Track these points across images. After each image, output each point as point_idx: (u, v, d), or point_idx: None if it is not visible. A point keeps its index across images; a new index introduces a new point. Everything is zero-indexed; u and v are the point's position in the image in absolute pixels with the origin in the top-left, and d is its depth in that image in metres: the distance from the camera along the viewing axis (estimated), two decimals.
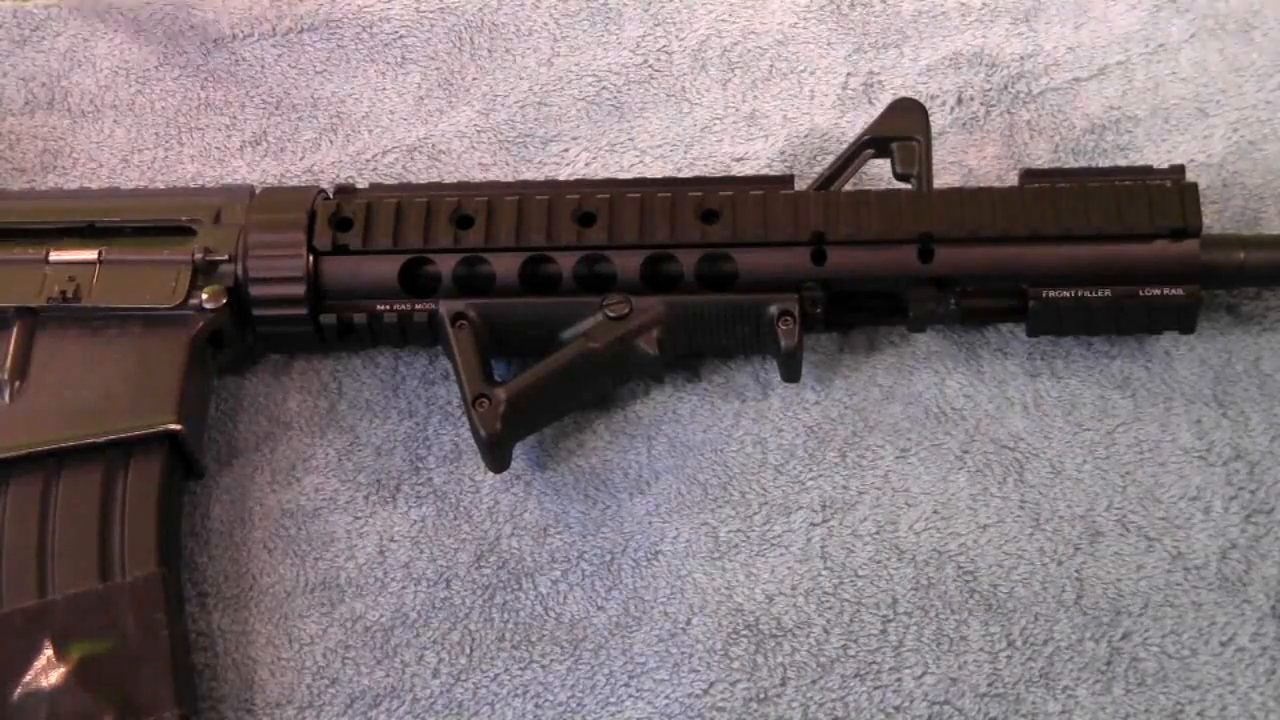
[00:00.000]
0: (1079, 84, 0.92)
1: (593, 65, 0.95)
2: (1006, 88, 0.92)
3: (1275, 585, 0.76)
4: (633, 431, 0.82)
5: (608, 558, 0.79)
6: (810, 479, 0.81)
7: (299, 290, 0.80)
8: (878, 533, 0.79)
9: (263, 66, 0.97)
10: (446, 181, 0.89)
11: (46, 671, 0.72)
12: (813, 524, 0.79)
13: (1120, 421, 0.81)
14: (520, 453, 0.81)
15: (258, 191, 0.84)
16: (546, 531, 0.80)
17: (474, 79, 0.96)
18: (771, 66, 0.94)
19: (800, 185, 0.84)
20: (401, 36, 0.97)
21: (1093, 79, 0.92)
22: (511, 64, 0.96)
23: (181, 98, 0.96)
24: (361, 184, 0.86)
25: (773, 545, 0.79)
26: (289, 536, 0.81)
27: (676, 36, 0.96)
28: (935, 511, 0.79)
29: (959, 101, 0.92)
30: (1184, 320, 0.80)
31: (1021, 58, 0.93)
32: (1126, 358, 0.82)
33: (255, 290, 0.80)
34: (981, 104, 0.92)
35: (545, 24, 0.97)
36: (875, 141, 0.82)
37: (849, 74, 0.93)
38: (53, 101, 0.96)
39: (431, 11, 0.98)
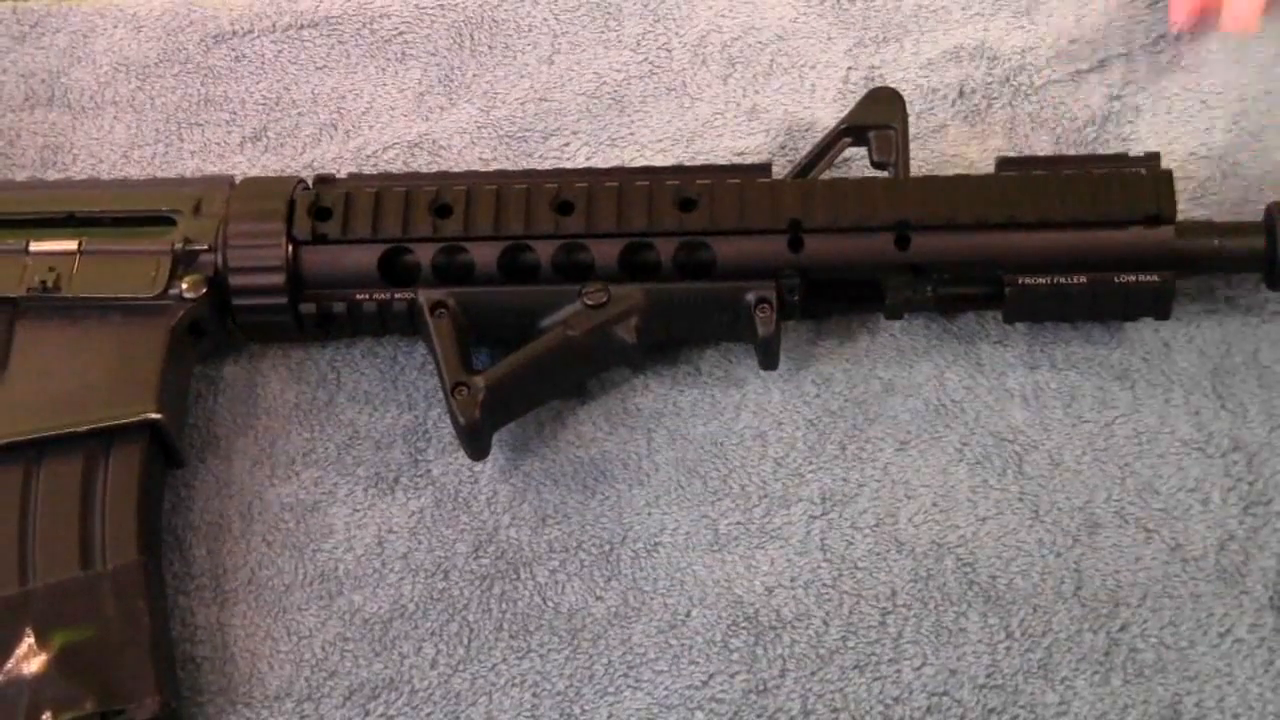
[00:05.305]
0: (1080, 76, 0.92)
1: (594, 62, 0.95)
2: (1008, 80, 0.92)
3: (1273, 577, 0.76)
4: (632, 423, 0.82)
5: (607, 548, 0.79)
6: (810, 471, 0.81)
7: (278, 279, 0.81)
8: (877, 525, 0.79)
9: (263, 62, 0.97)
10: (430, 171, 0.90)
11: (28, 659, 0.72)
12: (812, 516, 0.79)
13: (1119, 413, 0.81)
14: (520, 443, 0.82)
15: (238, 182, 0.84)
16: (545, 522, 0.80)
17: (474, 75, 0.96)
18: (772, 61, 0.94)
19: (778, 174, 0.84)
20: (402, 33, 0.97)
21: (1094, 71, 0.92)
22: (512, 60, 0.96)
23: (181, 94, 0.96)
24: (343, 175, 0.86)
25: (772, 537, 0.79)
26: (288, 529, 0.81)
27: (676, 32, 0.96)
28: (934, 504, 0.79)
29: (960, 95, 0.92)
30: (1159, 306, 0.80)
31: (1023, 50, 0.93)
32: (1125, 349, 0.82)
33: (235, 280, 0.81)
34: (983, 97, 0.92)
35: (545, 20, 0.97)
36: (852, 130, 0.83)
37: (850, 68, 0.93)
38: (52, 98, 0.96)
39: (432, 8, 0.98)
